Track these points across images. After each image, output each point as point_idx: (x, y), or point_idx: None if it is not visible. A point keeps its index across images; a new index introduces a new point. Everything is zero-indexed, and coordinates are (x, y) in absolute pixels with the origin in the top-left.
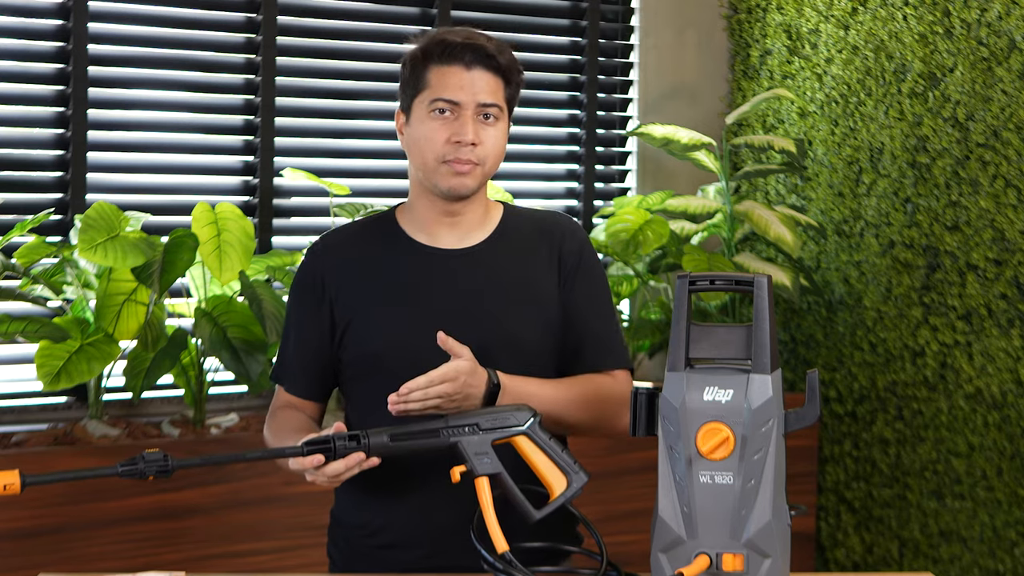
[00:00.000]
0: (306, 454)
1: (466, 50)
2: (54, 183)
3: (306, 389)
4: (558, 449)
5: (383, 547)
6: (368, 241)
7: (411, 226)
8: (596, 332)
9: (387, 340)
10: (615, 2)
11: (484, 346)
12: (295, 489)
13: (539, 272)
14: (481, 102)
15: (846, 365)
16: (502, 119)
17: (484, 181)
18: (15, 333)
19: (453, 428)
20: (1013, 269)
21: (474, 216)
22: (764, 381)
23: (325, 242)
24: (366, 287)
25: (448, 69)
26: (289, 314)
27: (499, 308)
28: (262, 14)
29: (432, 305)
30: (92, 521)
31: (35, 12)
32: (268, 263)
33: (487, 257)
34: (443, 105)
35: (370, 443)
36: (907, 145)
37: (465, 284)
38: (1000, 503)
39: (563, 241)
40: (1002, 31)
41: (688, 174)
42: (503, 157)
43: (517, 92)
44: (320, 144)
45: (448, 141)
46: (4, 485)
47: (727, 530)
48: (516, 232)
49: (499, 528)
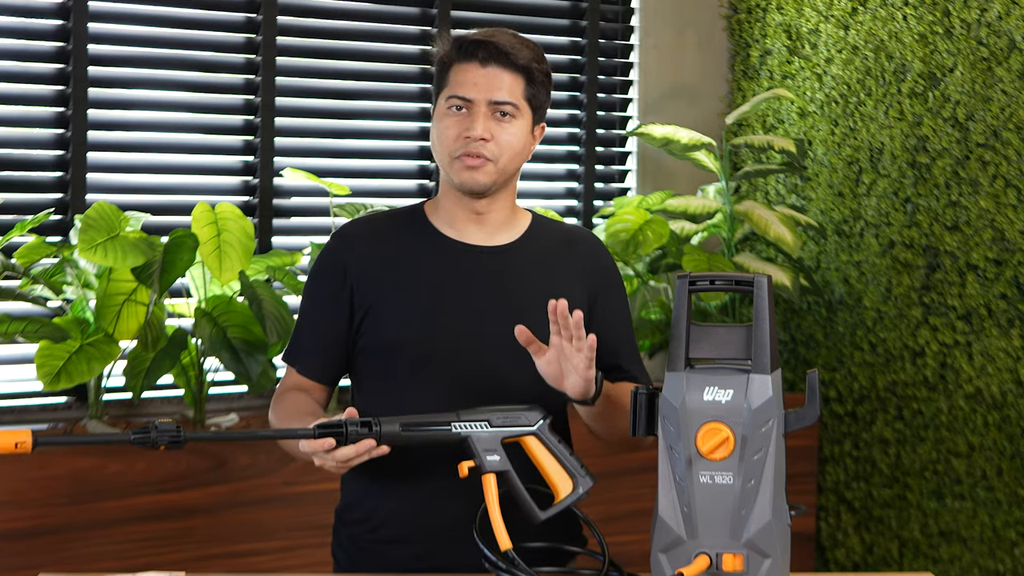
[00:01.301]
0: (317, 437)
1: (480, 47)
2: (54, 183)
3: (319, 371)
4: (566, 452)
5: (386, 542)
6: (395, 231)
7: (439, 221)
8: (628, 351)
9: (407, 330)
10: (615, 2)
11: (507, 343)
12: (296, 489)
13: (565, 278)
14: (494, 99)
15: (846, 365)
16: (520, 118)
17: (500, 178)
18: (15, 333)
19: (464, 423)
20: (1013, 269)
21: (500, 216)
22: (764, 381)
23: (352, 228)
24: (389, 276)
25: (464, 66)
26: (308, 295)
27: (524, 306)
28: (262, 14)
29: (455, 298)
30: (92, 521)
31: (35, 12)
32: (268, 263)
33: (514, 256)
34: (457, 102)
35: (382, 431)
36: (907, 145)
37: (491, 280)
38: (1000, 503)
39: (592, 256)
40: (1002, 31)
41: (688, 174)
42: (525, 156)
43: (543, 90)
44: (320, 144)
45: (459, 137)
46: (16, 443)
47: (727, 530)
48: (544, 238)
49: (503, 526)
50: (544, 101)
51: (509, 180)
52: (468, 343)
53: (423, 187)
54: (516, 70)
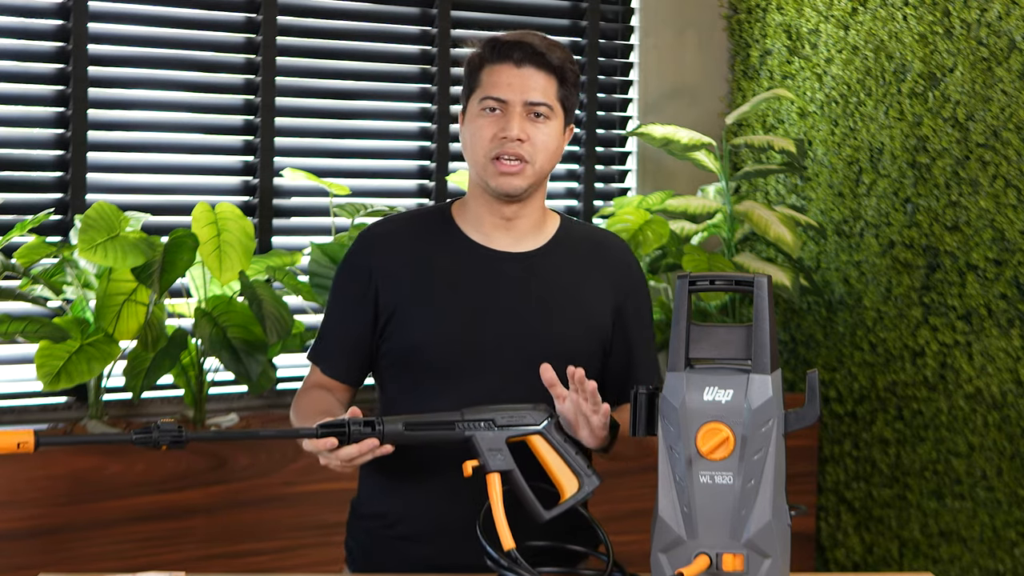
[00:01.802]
0: (320, 436)
1: (515, 48)
2: (54, 183)
3: (343, 372)
4: (572, 451)
5: (402, 538)
6: (422, 234)
7: (467, 224)
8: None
9: (433, 335)
10: (615, 2)
11: (533, 351)
12: (295, 489)
13: (593, 285)
14: (529, 100)
15: (846, 365)
16: (554, 119)
17: (536, 180)
18: (15, 333)
19: (469, 422)
20: (1013, 269)
21: (529, 221)
22: (764, 381)
23: (378, 230)
24: (415, 280)
25: (498, 68)
26: (334, 295)
27: (551, 314)
28: (262, 14)
29: (482, 305)
30: (92, 521)
31: (35, 12)
32: (268, 263)
33: (542, 263)
34: (492, 103)
35: (384, 430)
36: (907, 145)
37: (519, 287)
38: (1000, 503)
39: (620, 264)
40: (1002, 31)
41: (688, 174)
42: (558, 158)
43: (574, 92)
44: (320, 144)
45: (495, 138)
46: (19, 443)
47: (727, 530)
48: (573, 243)
49: (507, 525)
50: (575, 103)
51: (541, 183)
52: (493, 351)
53: (423, 187)
54: (550, 71)
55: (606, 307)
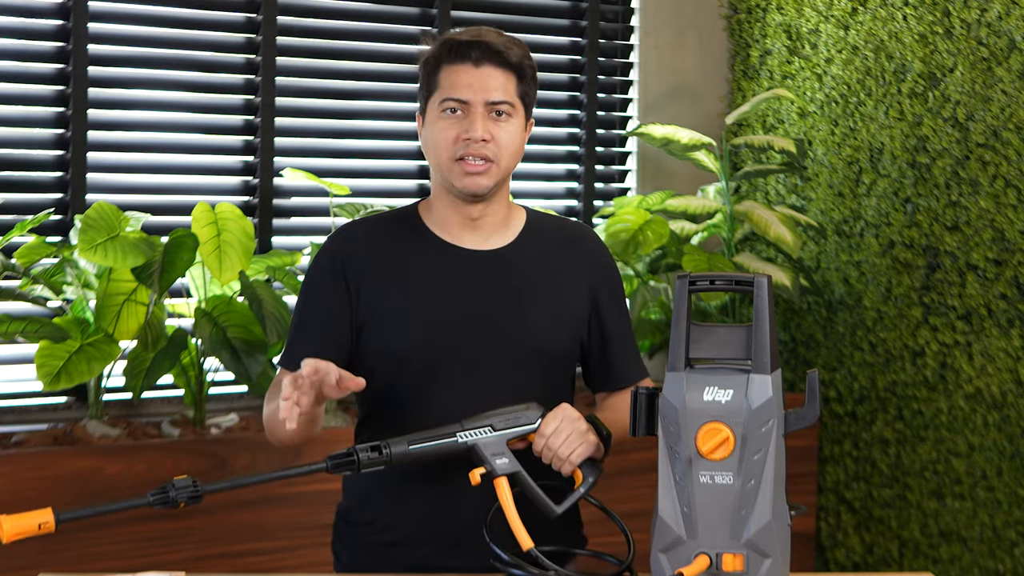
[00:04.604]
0: (330, 470)
1: (473, 48)
2: (54, 183)
3: None
4: None
5: (391, 544)
6: (392, 236)
7: (435, 225)
8: (626, 347)
9: (410, 339)
10: (615, 2)
11: (510, 348)
12: (295, 489)
13: (565, 278)
14: (490, 100)
15: (846, 365)
16: (516, 116)
17: (500, 179)
18: (15, 333)
19: (469, 431)
20: (1013, 269)
21: (496, 218)
22: (764, 381)
23: (347, 232)
24: (390, 284)
25: (457, 68)
26: (306, 297)
27: (526, 310)
28: (262, 14)
29: (459, 304)
30: (92, 521)
31: (35, 12)
32: (268, 263)
33: (513, 259)
34: (453, 104)
35: (392, 452)
36: (907, 145)
37: (492, 285)
38: (1000, 503)
39: (591, 253)
40: (1002, 31)
41: (688, 174)
42: (521, 155)
43: (532, 87)
44: (320, 144)
45: (458, 139)
46: (39, 524)
47: (727, 530)
48: (541, 237)
49: (523, 526)
50: (534, 97)
51: (506, 179)
52: (473, 350)
53: (423, 187)
54: (509, 68)
55: (582, 296)
